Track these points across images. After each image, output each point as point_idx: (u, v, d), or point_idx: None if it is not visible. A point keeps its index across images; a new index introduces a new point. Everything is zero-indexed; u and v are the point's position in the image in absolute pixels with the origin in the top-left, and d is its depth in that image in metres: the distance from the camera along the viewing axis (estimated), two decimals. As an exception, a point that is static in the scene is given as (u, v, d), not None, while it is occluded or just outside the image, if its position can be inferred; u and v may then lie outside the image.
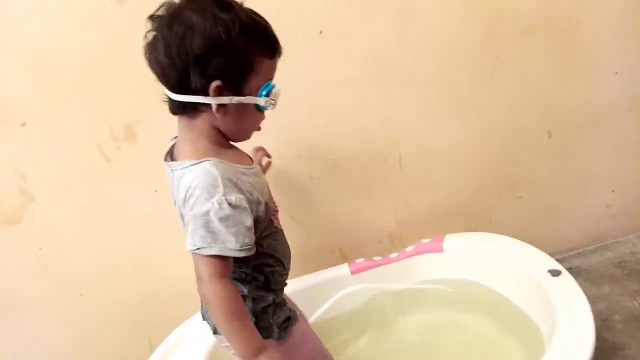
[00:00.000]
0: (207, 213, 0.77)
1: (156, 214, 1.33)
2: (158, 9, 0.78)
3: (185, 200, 0.80)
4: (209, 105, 0.79)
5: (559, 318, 1.01)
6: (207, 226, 0.78)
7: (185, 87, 0.78)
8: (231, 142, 0.88)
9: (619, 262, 1.51)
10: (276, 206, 0.95)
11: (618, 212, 1.57)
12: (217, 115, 0.80)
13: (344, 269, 1.39)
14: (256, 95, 0.81)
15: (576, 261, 1.56)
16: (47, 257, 1.33)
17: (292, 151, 1.38)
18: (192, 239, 0.79)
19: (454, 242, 1.35)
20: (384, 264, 1.38)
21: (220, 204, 0.77)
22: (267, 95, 0.82)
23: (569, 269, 1.49)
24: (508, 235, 1.30)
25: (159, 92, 0.83)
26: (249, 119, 0.85)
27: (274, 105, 0.83)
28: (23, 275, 1.34)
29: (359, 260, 1.40)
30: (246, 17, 0.78)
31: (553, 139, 1.46)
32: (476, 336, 1.24)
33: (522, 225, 1.29)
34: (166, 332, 1.23)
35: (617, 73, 1.40)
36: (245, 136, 0.90)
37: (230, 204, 0.78)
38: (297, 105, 1.26)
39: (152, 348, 1.22)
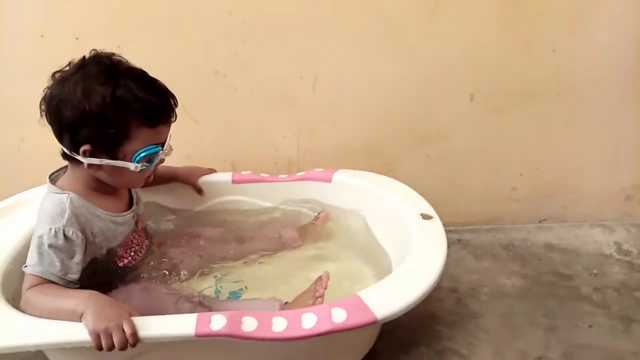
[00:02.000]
0: (41, 237, 0.87)
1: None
2: (65, 66, 0.89)
3: (37, 220, 0.91)
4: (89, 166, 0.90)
5: (413, 251, 0.96)
6: (39, 248, 0.87)
7: (62, 143, 0.90)
8: (114, 191, 1.00)
9: (507, 245, 1.48)
10: (134, 251, 1.04)
11: (523, 197, 1.54)
12: (89, 171, 0.91)
13: (226, 177, 1.32)
14: (130, 160, 0.90)
15: (467, 235, 1.52)
16: None
17: (200, 38, 1.28)
18: (27, 257, 0.88)
19: (345, 175, 1.29)
20: (269, 181, 1.31)
21: (56, 232, 0.87)
22: (142, 159, 0.91)
23: (458, 240, 1.50)
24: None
25: None
26: (127, 177, 0.93)
27: (148, 168, 0.93)
28: None
29: (245, 172, 1.33)
30: (124, 91, 0.86)
31: (474, 104, 1.40)
32: (328, 259, 1.19)
33: (424, 184, 1.22)
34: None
35: (554, 51, 1.35)
36: (129, 186, 1.04)
37: (65, 235, 0.87)
38: None
39: None
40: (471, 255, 1.43)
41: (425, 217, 1.08)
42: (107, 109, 0.85)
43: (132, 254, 1.04)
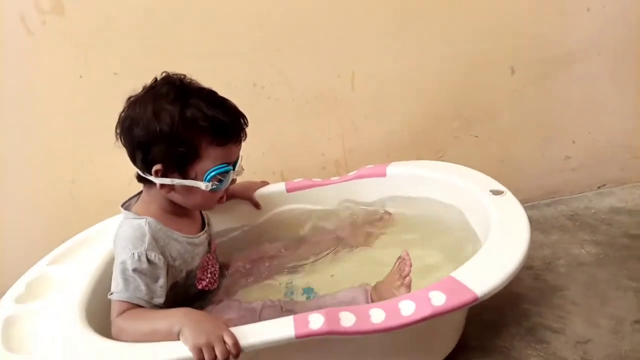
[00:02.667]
0: (124, 262, 0.86)
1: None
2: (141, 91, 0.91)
3: (114, 247, 0.91)
4: (162, 186, 0.90)
5: (494, 226, 0.94)
6: (123, 274, 0.86)
7: (136, 164, 0.91)
8: (187, 213, 0.99)
9: (572, 215, 1.43)
10: (211, 272, 1.03)
11: (578, 165, 1.50)
12: (162, 192, 0.91)
13: (279, 187, 1.31)
14: (202, 179, 0.90)
15: (528, 212, 1.45)
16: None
17: (235, 54, 1.28)
18: (112, 283, 0.88)
19: (398, 167, 1.27)
20: (322, 185, 1.30)
21: (139, 257, 0.87)
22: (214, 179, 0.90)
23: None
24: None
25: None
26: (199, 197, 0.93)
27: (219, 187, 0.92)
28: None
29: (297, 180, 1.32)
30: (194, 110, 0.87)
31: (516, 77, 1.38)
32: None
33: (476, 167, 1.19)
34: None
35: (588, 10, 1.32)
36: (203, 208, 1.02)
37: (148, 259, 0.87)
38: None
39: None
40: (537, 230, 1.39)
41: (496, 192, 1.05)
42: (176, 128, 0.86)
43: (209, 275, 1.03)
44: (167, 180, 0.89)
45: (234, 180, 0.97)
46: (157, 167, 0.88)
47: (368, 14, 1.28)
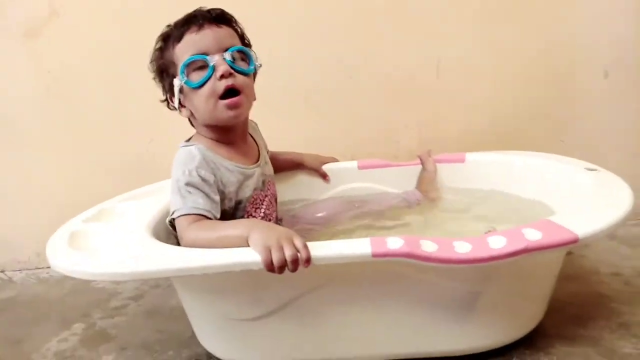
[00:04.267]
0: (178, 180, 0.87)
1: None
2: None
3: (172, 174, 0.91)
4: (180, 109, 0.95)
5: (593, 191, 0.87)
6: (179, 191, 0.86)
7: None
8: (236, 141, 0.98)
9: (666, 235, 1.30)
10: (265, 213, 0.99)
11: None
12: (184, 112, 0.95)
13: (350, 164, 1.28)
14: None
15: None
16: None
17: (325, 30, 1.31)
18: (171, 206, 0.88)
19: (478, 155, 1.21)
20: (397, 166, 1.26)
21: (190, 172, 0.87)
22: (191, 72, 0.89)
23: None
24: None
25: None
26: (196, 101, 0.91)
27: (190, 79, 0.89)
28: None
29: (371, 159, 1.28)
30: (167, 29, 0.93)
31: (609, 81, 1.31)
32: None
33: None
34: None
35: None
36: (215, 116, 0.92)
37: (199, 175, 0.87)
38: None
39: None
40: (624, 245, 1.27)
41: (590, 169, 0.97)
42: (157, 58, 0.94)
43: (262, 214, 0.99)
44: (171, 100, 0.95)
45: (224, 73, 0.87)
46: (163, 98, 0.96)
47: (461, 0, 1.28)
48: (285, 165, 1.23)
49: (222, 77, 0.87)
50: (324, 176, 1.26)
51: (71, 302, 1.23)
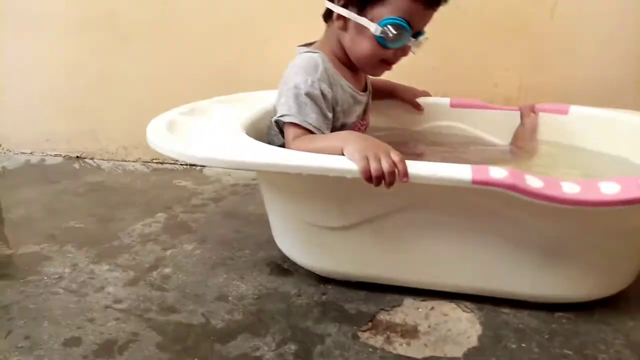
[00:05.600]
0: (298, 86, 0.85)
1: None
2: None
3: (284, 76, 0.89)
4: (338, 17, 0.89)
5: None
6: (296, 98, 0.84)
7: None
8: (355, 67, 0.95)
9: None
10: (358, 130, 0.99)
11: None
12: (336, 25, 0.90)
13: (443, 100, 1.23)
14: (377, 24, 0.85)
15: None
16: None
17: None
18: (280, 108, 0.87)
19: (584, 109, 1.13)
20: (492, 108, 1.19)
21: (312, 83, 0.85)
22: (387, 28, 0.85)
23: None
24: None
25: None
26: (364, 45, 0.89)
27: (386, 39, 0.86)
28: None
29: (465, 99, 1.23)
30: None
31: None
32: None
33: None
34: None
35: None
36: (365, 65, 0.94)
37: (320, 89, 0.86)
38: None
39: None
40: None
41: None
42: None
43: (358, 127, 1.00)
44: (344, 11, 0.87)
45: (406, 50, 0.91)
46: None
47: None
48: (378, 93, 1.20)
49: (403, 54, 0.92)
50: (417, 107, 1.22)
51: (155, 194, 1.30)
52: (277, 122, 0.89)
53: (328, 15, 0.94)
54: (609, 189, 0.66)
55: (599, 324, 0.79)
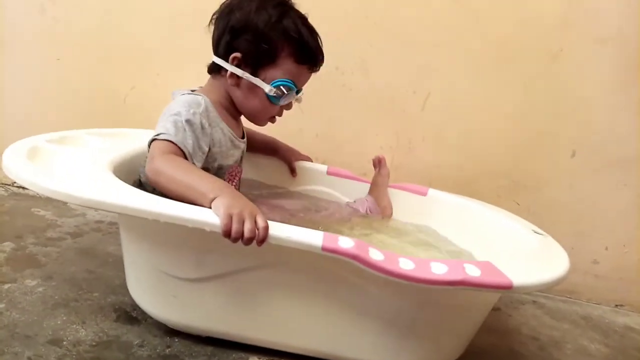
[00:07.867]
0: (179, 113, 0.87)
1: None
2: None
3: (163, 114, 0.89)
4: (227, 72, 0.95)
5: (535, 250, 0.92)
6: (175, 123, 0.85)
7: (217, 49, 0.97)
8: (235, 115, 1.03)
9: (585, 317, 1.38)
10: (236, 178, 1.04)
11: (603, 274, 1.47)
12: (228, 81, 0.96)
13: (321, 167, 1.31)
14: (268, 84, 0.95)
15: (542, 299, 1.44)
16: None
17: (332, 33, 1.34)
18: (156, 130, 0.85)
19: (441, 194, 1.26)
20: (363, 181, 1.30)
21: (194, 113, 0.88)
22: (278, 89, 0.95)
23: (533, 302, 1.41)
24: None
25: None
26: (257, 102, 0.98)
27: (277, 98, 0.96)
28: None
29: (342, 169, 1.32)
30: (290, 21, 0.94)
31: (574, 160, 1.40)
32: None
33: None
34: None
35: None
36: (254, 118, 1.04)
37: (201, 121, 0.89)
38: None
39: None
40: (547, 315, 1.34)
41: (538, 233, 1.03)
42: (269, 28, 0.93)
43: (229, 176, 1.03)
44: (238, 71, 0.95)
45: (290, 105, 1.02)
46: (237, 54, 0.94)
47: (462, 44, 1.35)
48: (260, 147, 1.25)
49: (287, 109, 1.03)
50: (292, 171, 1.28)
51: (7, 222, 1.20)
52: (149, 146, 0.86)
53: (214, 68, 0.98)
54: (438, 269, 0.74)
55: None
